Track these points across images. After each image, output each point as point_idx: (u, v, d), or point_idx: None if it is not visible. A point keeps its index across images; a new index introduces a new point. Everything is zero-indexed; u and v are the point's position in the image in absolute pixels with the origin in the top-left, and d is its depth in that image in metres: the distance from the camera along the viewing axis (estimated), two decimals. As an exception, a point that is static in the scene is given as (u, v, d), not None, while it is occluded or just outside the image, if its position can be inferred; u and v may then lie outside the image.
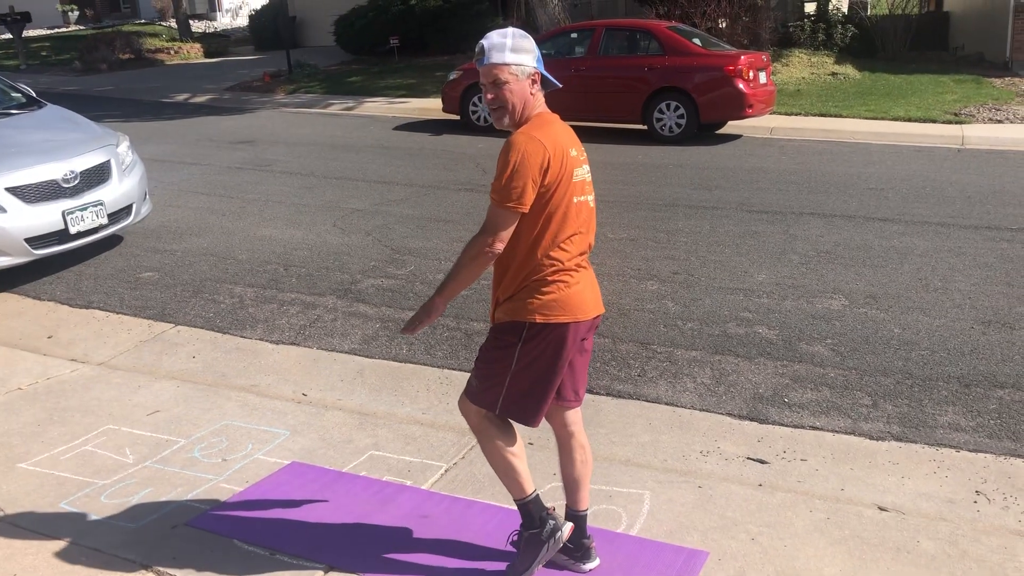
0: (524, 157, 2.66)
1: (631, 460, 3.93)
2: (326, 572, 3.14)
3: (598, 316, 2.96)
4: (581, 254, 2.87)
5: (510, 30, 2.79)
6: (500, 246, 2.72)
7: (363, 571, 3.14)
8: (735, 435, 4.17)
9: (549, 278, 2.79)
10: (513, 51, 2.73)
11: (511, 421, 2.97)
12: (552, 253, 2.79)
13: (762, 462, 3.90)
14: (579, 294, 2.84)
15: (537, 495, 3.00)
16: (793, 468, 3.85)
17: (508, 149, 2.69)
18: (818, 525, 3.40)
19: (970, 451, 3.97)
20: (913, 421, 4.25)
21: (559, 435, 3.09)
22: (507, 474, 2.97)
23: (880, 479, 3.74)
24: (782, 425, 4.25)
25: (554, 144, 2.72)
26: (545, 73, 2.81)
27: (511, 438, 2.96)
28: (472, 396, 2.95)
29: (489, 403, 2.91)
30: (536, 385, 2.87)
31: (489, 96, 2.76)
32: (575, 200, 2.81)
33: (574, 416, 3.06)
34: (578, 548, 3.12)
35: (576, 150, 2.85)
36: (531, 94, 2.77)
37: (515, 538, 3.09)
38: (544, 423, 3.01)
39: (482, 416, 2.95)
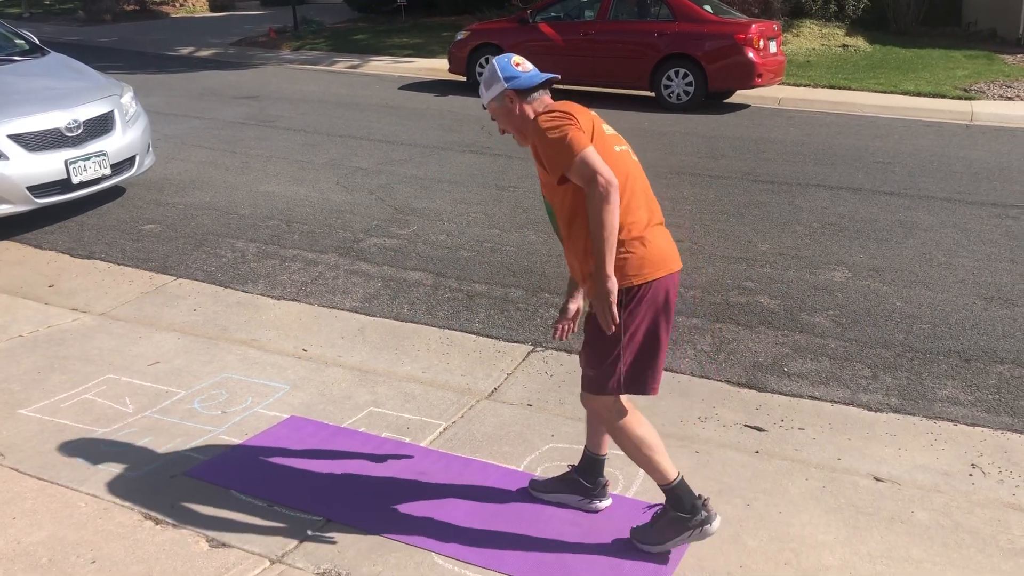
0: (552, 120, 2.77)
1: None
2: (323, 524, 3.16)
3: (679, 273, 2.94)
4: (650, 211, 2.85)
5: (484, 73, 3.01)
6: (612, 179, 2.63)
7: (360, 524, 3.16)
8: (734, 402, 4.18)
9: (627, 239, 2.77)
10: (485, 89, 2.99)
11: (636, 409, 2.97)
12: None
13: (760, 430, 3.91)
14: (661, 249, 2.84)
15: (682, 479, 2.94)
16: (790, 436, 3.87)
17: (536, 132, 2.81)
18: (814, 493, 3.42)
19: (968, 425, 3.98)
20: (912, 394, 4.26)
21: None
22: (648, 465, 2.93)
23: (877, 450, 3.76)
24: (781, 394, 4.26)
25: (569, 105, 2.86)
26: (517, 86, 2.91)
27: (644, 429, 2.93)
28: (593, 386, 2.91)
29: (612, 387, 2.86)
30: (649, 350, 2.85)
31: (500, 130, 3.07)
32: (617, 148, 2.86)
33: None
34: (595, 487, 3.22)
35: (595, 112, 2.95)
36: (515, 109, 2.94)
37: (657, 509, 3.03)
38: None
39: (611, 409, 2.91)
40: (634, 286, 2.77)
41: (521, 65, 2.97)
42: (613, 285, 2.70)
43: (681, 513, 2.93)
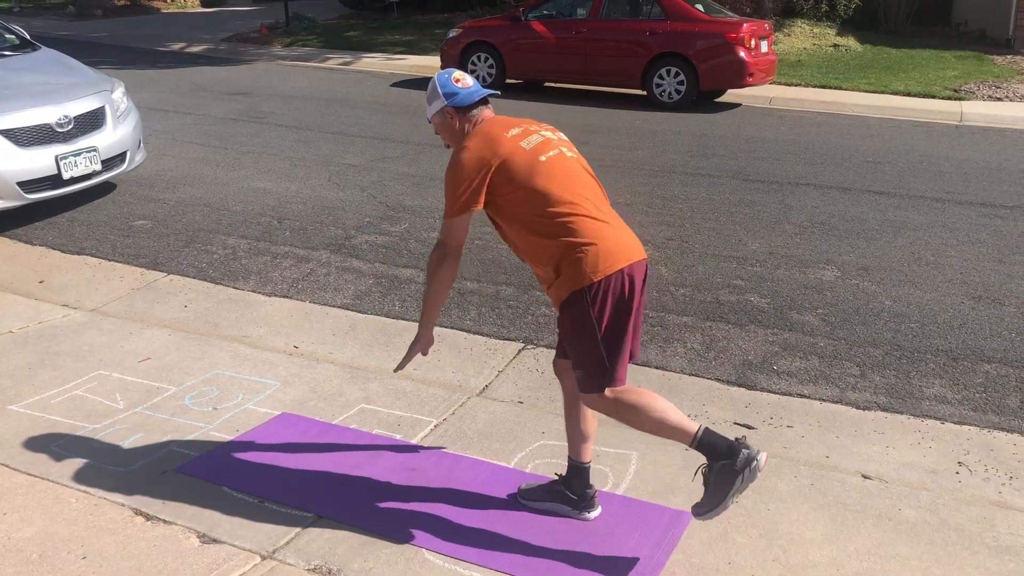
0: (458, 167, 2.89)
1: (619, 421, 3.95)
2: (314, 520, 3.17)
3: (646, 261, 2.94)
4: (599, 211, 2.88)
5: (428, 88, 3.13)
6: (452, 252, 2.97)
7: (351, 520, 3.16)
8: (723, 400, 4.21)
9: (578, 242, 2.80)
10: (428, 104, 3.12)
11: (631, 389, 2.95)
12: (563, 220, 2.82)
13: (749, 427, 3.94)
14: (617, 241, 2.86)
15: (706, 428, 2.87)
16: (779, 434, 3.89)
17: (452, 158, 2.94)
18: (802, 490, 3.44)
19: (955, 423, 4.01)
20: (900, 392, 4.29)
21: (569, 393, 3.15)
22: (663, 430, 2.91)
23: (865, 448, 3.79)
24: (770, 392, 4.29)
25: (486, 138, 2.92)
26: (456, 103, 3.01)
27: (645, 399, 2.92)
28: (588, 387, 2.93)
29: (602, 382, 2.88)
30: (617, 341, 2.88)
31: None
32: (542, 158, 2.90)
33: None
34: (583, 498, 3.21)
35: (517, 129, 2.99)
36: (456, 125, 3.05)
37: (702, 470, 2.89)
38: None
39: (607, 400, 2.92)
40: (593, 283, 2.80)
41: (461, 81, 3.05)
42: (426, 337, 3.16)
43: (722, 461, 2.82)
